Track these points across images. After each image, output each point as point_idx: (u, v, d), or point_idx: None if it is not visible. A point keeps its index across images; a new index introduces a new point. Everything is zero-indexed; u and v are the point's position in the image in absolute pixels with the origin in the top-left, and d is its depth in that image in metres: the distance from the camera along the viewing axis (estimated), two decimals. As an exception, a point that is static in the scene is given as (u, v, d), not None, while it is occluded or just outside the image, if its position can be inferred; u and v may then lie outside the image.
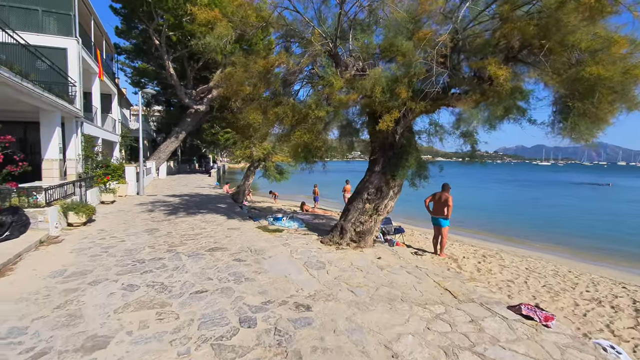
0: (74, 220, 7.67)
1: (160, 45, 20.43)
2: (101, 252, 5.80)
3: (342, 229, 6.55)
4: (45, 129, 10.84)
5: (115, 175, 14.01)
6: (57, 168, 11.02)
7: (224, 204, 12.45)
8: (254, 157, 15.36)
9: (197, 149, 47.53)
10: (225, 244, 6.48)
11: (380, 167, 6.44)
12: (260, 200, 20.48)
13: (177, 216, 9.55)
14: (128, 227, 7.97)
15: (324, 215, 14.37)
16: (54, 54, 12.62)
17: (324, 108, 5.97)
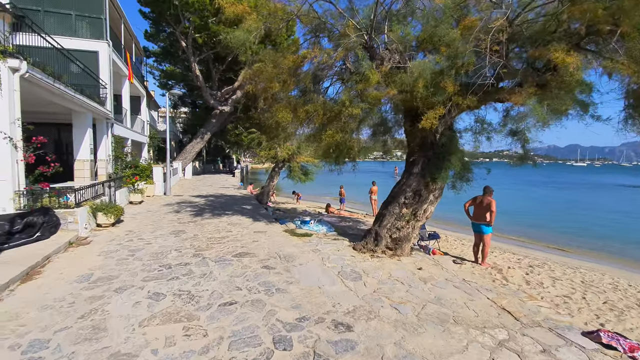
0: (102, 221, 7.64)
1: (187, 47, 20.69)
2: (128, 256, 5.64)
3: (376, 235, 6.07)
4: (77, 130, 11.04)
5: (143, 175, 14.18)
6: (88, 169, 11.21)
7: (249, 205, 12.26)
8: (279, 157, 15.11)
9: (221, 149, 48.29)
10: (252, 249, 6.17)
11: (419, 169, 5.91)
12: (283, 201, 20.28)
13: (203, 217, 9.40)
14: (155, 228, 7.86)
15: (351, 218, 13.89)
16: (86, 57, 12.90)
17: (359, 105, 5.53)
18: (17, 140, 6.61)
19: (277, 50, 20.58)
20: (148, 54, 25.15)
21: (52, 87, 8.05)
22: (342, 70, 6.99)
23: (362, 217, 14.92)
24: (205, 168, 37.14)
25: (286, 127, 6.55)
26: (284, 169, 15.65)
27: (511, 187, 36.93)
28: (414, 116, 5.85)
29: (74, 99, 9.46)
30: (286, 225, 8.62)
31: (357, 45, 5.56)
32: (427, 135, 5.86)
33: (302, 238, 7.13)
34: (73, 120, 11.00)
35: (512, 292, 4.74)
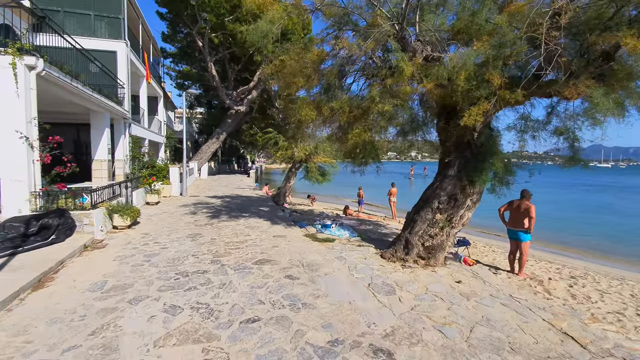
0: (118, 223, 7.43)
1: (204, 47, 20.63)
2: (143, 261, 5.35)
3: (407, 243, 5.59)
4: (95, 130, 10.97)
5: (160, 175, 14.09)
6: (106, 169, 11.12)
7: (265, 207, 11.93)
8: (296, 158, 14.76)
9: (236, 149, 48.49)
10: (273, 255, 5.79)
11: (454, 171, 5.40)
12: (299, 202, 19.93)
13: (220, 220, 9.10)
14: (171, 231, 7.60)
15: (370, 221, 13.39)
16: (104, 57, 12.87)
17: (390, 101, 5.06)
18: (34, 140, 6.45)
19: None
20: (165, 54, 25.31)
21: (69, 86, 7.91)
22: (367, 66, 6.53)
23: (382, 220, 14.40)
24: (220, 168, 37.28)
25: (309, 126, 6.14)
26: (301, 170, 15.29)
27: (536, 190, 35.18)
28: (450, 113, 5.35)
29: (91, 98, 9.34)
30: (306, 229, 8.21)
31: (388, 35, 5.09)
32: (464, 134, 5.33)
33: (324, 244, 6.71)
34: (91, 120, 10.93)
35: (570, 312, 4.18)
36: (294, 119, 5.82)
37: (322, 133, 7.93)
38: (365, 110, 5.38)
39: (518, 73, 4.47)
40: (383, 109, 5.01)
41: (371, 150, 6.22)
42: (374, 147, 6.34)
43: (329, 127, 6.79)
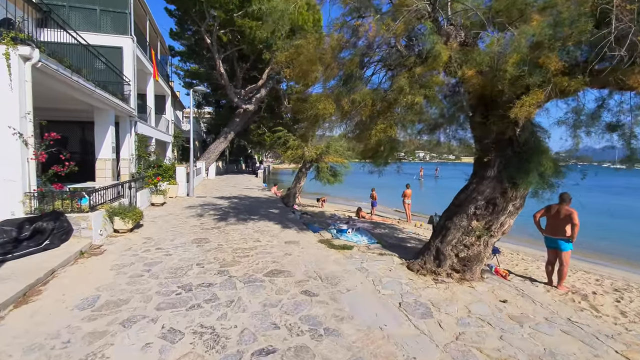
0: (119, 226, 6.93)
1: (212, 44, 20.20)
2: (143, 271, 4.80)
3: (438, 253, 4.94)
4: (99, 128, 10.54)
5: (166, 175, 13.63)
6: (110, 168, 10.69)
7: (275, 209, 11.36)
8: (306, 157, 14.17)
9: (244, 149, 48.16)
10: (286, 265, 5.19)
11: (494, 172, 4.73)
12: (308, 203, 19.35)
13: (228, 223, 8.55)
14: (176, 235, 7.07)
15: (385, 224, 12.72)
16: (110, 53, 12.47)
17: (420, 91, 4.43)
18: (28, 137, 5.97)
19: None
20: (173, 52, 25.00)
21: (70, 80, 7.45)
22: (390, 55, 5.89)
23: (397, 223, 13.72)
24: (228, 168, 36.97)
25: (328, 121, 5.54)
26: (311, 170, 14.69)
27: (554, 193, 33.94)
28: (488, 105, 4.69)
29: (94, 94, 8.89)
30: (320, 234, 7.60)
31: (421, 15, 4.45)
32: (505, 130, 4.66)
33: (341, 251, 6.09)
34: (95, 118, 10.51)
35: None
36: (310, 113, 5.21)
37: (332, 132, 7.30)
38: (391, 103, 4.75)
39: (578, 56, 3.78)
40: (413, 101, 4.37)
41: (395, 148, 5.58)
42: (398, 145, 5.70)
43: (347, 123, 6.15)
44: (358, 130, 6.19)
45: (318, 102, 4.95)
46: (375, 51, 5.18)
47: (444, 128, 5.71)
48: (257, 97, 24.65)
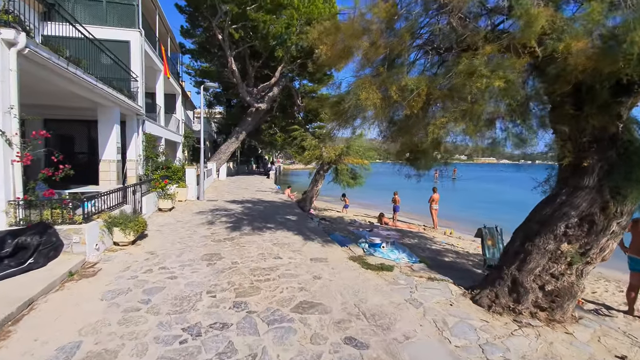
0: (119, 238, 6.02)
1: (224, 40, 19.36)
2: (141, 302, 3.84)
3: (515, 284, 3.83)
4: (103, 127, 9.74)
5: (175, 178, 12.80)
6: (114, 170, 9.87)
7: (292, 215, 10.36)
8: (324, 158, 13.14)
9: (255, 149, 47.49)
10: (317, 295, 4.17)
11: (593, 180, 3.61)
12: (324, 206, 18.33)
13: (242, 232, 7.59)
14: (183, 249, 6.12)
15: (411, 232, 11.59)
16: (117, 47, 11.68)
17: (499, 74, 3.34)
18: (12, 135, 5.10)
19: None
20: (184, 50, 24.30)
21: (66, 72, 6.60)
22: (436, 37, 4.80)
23: (423, 230, 12.57)
24: (239, 169, 36.26)
25: (366, 113, 4.49)
26: (329, 172, 13.66)
27: None
28: (588, 91, 3.57)
29: (95, 89, 8.05)
30: (349, 248, 6.55)
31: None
32: (606, 125, 3.55)
33: (381, 274, 5.03)
34: (98, 115, 9.71)
35: None
36: (350, 103, 4.16)
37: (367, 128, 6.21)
38: (455, 89, 3.68)
39: None
40: (493, 84, 3.28)
41: (449, 151, 4.51)
42: (451, 146, 4.62)
43: (387, 118, 5.07)
44: (397, 127, 5.12)
45: (360, 89, 3.89)
46: (420, 33, 4.10)
47: (508, 122, 4.57)
48: (270, 96, 23.76)
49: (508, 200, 25.66)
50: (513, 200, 24.73)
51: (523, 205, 5.15)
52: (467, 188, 35.20)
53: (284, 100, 27.82)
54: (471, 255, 8.86)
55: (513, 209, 20.81)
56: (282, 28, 17.27)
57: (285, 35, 18.00)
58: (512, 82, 3.53)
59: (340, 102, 5.07)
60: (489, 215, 18.07)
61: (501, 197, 26.03)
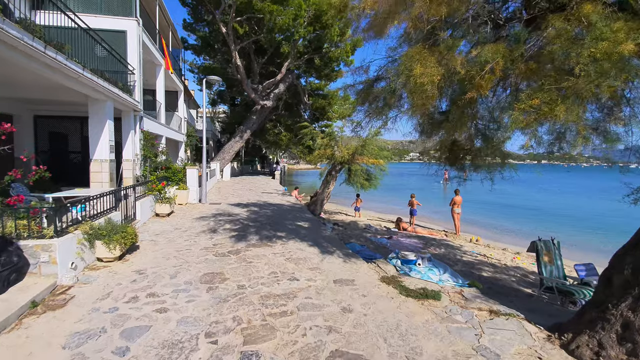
0: (103, 254, 5.02)
1: (227, 33, 18.36)
2: (115, 353, 2.82)
3: (628, 330, 2.76)
4: (94, 123, 8.76)
5: (175, 179, 11.83)
6: (107, 171, 8.90)
7: (303, 221, 9.31)
8: (337, 158, 12.09)
9: (259, 149, 46.49)
10: (352, 338, 3.12)
11: None
12: (333, 209, 17.27)
13: (248, 243, 6.56)
14: (180, 266, 5.11)
15: (434, 238, 10.50)
16: (112, 37, 10.76)
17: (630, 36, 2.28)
18: (-35, 129, 4.11)
19: (327, 36, 17.53)
20: (186, 45, 23.34)
21: (43, 57, 5.61)
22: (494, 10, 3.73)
23: (445, 236, 11.47)
24: (243, 169, 35.30)
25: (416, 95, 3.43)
26: (343, 172, 12.59)
27: (603, 198, 31.12)
28: None
29: (82, 79, 7.07)
30: (377, 265, 5.48)
31: None
32: None
33: (426, 303, 3.97)
34: (89, 110, 8.73)
35: None
36: (399, 80, 3.11)
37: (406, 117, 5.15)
38: (551, 59, 2.62)
39: None
40: (622, 50, 2.22)
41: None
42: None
43: (432, 105, 4.02)
44: (449, 115, 4.06)
45: (412, 62, 2.84)
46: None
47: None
48: (275, 93, 22.74)
49: (525, 203, 24.42)
50: (531, 204, 23.39)
51: (542, 210, 4.04)
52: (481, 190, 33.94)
53: (290, 98, 26.81)
54: (510, 268, 7.77)
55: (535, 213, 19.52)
56: (290, 20, 16.23)
57: (293, 27, 16.95)
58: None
59: (370, 88, 4.02)
60: (513, 220, 16.86)
61: (516, 200, 24.76)
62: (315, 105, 24.91)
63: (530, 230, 14.02)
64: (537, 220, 17.16)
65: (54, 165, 13.00)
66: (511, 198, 24.53)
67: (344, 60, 21.19)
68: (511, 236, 13.23)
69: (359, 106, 5.05)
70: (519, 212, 19.75)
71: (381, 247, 8.81)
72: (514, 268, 7.88)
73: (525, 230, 14.12)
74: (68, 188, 10.95)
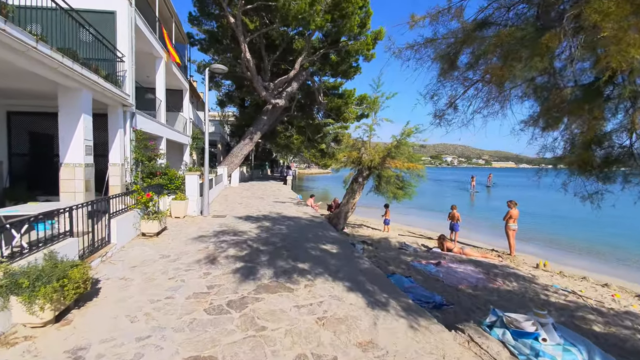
0: (22, 317, 3.08)
1: (236, 24, 16.60)
2: None
3: None
4: (65, 117, 6.94)
5: (171, 187, 9.96)
6: (81, 178, 7.05)
7: (330, 243, 7.26)
8: (364, 162, 10.05)
9: (269, 153, 44.72)
10: None
11: None
12: (353, 221, 15.17)
13: (259, 284, 4.56)
14: (146, 339, 3.13)
15: (495, 265, 8.29)
16: (99, 20, 9.03)
17: None
18: None
19: (346, 27, 15.42)
20: (192, 41, 21.70)
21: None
22: None
23: (499, 259, 9.26)
24: (253, 174, 33.49)
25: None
26: (371, 178, 10.53)
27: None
28: None
29: (40, 58, 5.24)
30: (469, 337, 3.37)
31: None
32: None
33: None
34: (59, 101, 6.92)
35: None
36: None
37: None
38: None
39: None
40: None
41: None
42: None
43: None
44: None
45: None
46: None
47: None
48: (288, 91, 20.87)
49: (568, 214, 21.61)
50: (576, 216, 20.61)
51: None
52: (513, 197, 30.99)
53: (303, 97, 24.94)
54: (621, 315, 5.55)
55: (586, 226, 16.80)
56: (306, 5, 14.33)
57: (309, 16, 15.03)
58: None
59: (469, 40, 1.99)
60: (571, 233, 14.18)
61: (558, 209, 22.14)
62: (330, 105, 22.93)
63: (606, 249, 11.65)
64: (602, 233, 14.46)
65: (34, 171, 11.42)
66: (554, 207, 21.85)
67: (364, 54, 19.17)
68: (580, 257, 10.86)
69: (442, 78, 3.00)
70: (574, 223, 17.01)
71: (433, 279, 6.70)
72: (624, 315, 5.67)
73: (600, 250, 11.66)
74: (46, 198, 9.24)
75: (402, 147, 9.51)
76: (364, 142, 10.29)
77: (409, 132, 9.92)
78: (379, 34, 18.80)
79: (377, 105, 9.94)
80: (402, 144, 9.45)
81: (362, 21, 17.58)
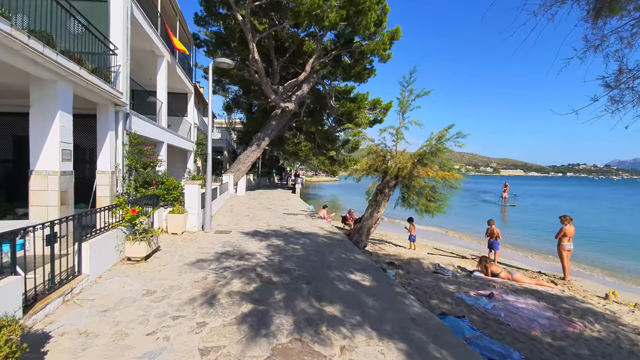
0: None
1: (244, 22, 15.51)
2: None
3: None
4: (36, 115, 5.72)
5: (168, 198, 8.68)
6: (55, 189, 5.79)
7: (358, 270, 5.84)
8: (391, 171, 8.67)
9: (277, 160, 43.55)
10: None
11: None
12: (372, 235, 13.67)
13: (274, 343, 3.18)
14: None
15: (560, 297, 6.76)
16: (91, 9, 7.95)
17: None
18: None
19: (362, 24, 14.02)
20: (198, 42, 20.73)
21: None
22: None
23: (552, 285, 7.72)
24: (260, 182, 32.25)
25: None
26: (398, 187, 9.12)
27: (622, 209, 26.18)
28: None
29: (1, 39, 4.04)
30: None
31: None
32: None
33: None
34: (30, 95, 5.71)
35: None
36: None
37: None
38: None
39: None
40: None
41: None
42: None
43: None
44: None
45: None
46: None
47: None
48: (298, 95, 19.67)
49: (614, 227, 19.72)
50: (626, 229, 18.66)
51: None
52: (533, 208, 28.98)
53: (313, 102, 23.75)
54: None
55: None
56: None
57: (322, 11, 13.85)
58: None
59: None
60: (611, 251, 12.44)
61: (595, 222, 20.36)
62: (341, 110, 21.66)
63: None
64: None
65: (16, 180, 10.22)
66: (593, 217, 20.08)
67: (380, 54, 17.90)
68: None
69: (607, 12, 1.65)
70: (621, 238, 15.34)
71: (492, 320, 5.23)
72: None
73: None
74: (25, 210, 8.01)
75: (438, 154, 8.10)
76: (389, 149, 8.91)
77: (440, 136, 8.54)
78: (395, 33, 17.58)
79: (405, 106, 8.58)
80: (439, 149, 8.04)
81: (379, 18, 16.37)
